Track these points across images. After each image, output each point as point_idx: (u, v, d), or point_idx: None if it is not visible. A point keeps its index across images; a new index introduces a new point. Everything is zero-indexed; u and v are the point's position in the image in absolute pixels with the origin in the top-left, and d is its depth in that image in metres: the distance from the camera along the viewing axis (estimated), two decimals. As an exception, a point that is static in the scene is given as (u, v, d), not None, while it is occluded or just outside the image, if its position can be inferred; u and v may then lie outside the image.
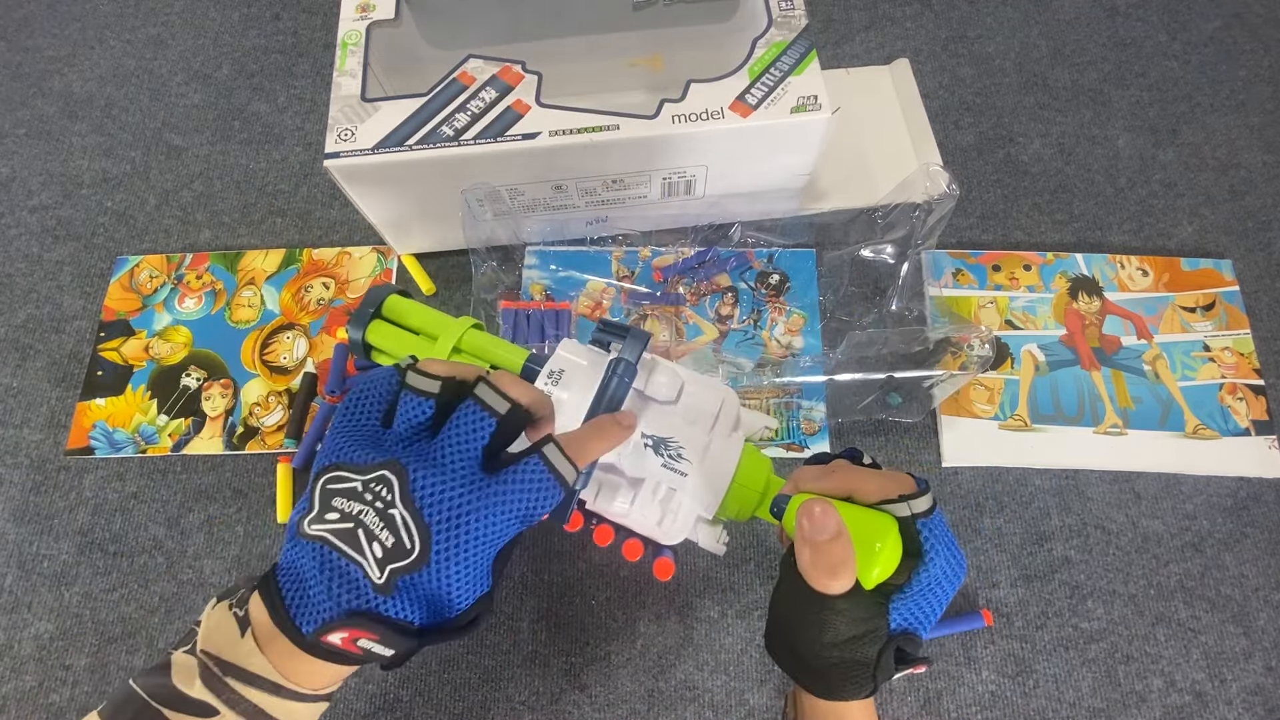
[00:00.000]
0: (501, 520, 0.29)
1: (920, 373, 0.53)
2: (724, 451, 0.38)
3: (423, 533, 0.28)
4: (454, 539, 0.28)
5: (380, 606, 0.28)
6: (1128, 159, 0.68)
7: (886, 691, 0.50)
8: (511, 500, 0.29)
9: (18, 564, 0.55)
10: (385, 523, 0.28)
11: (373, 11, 0.56)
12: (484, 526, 0.28)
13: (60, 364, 0.62)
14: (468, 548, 0.28)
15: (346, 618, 0.27)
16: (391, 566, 0.27)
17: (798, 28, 0.54)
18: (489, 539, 0.28)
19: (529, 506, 0.29)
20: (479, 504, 0.28)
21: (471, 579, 0.29)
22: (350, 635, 0.27)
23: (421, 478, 0.28)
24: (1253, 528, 0.55)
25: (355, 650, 0.28)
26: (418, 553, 0.27)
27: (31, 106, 0.74)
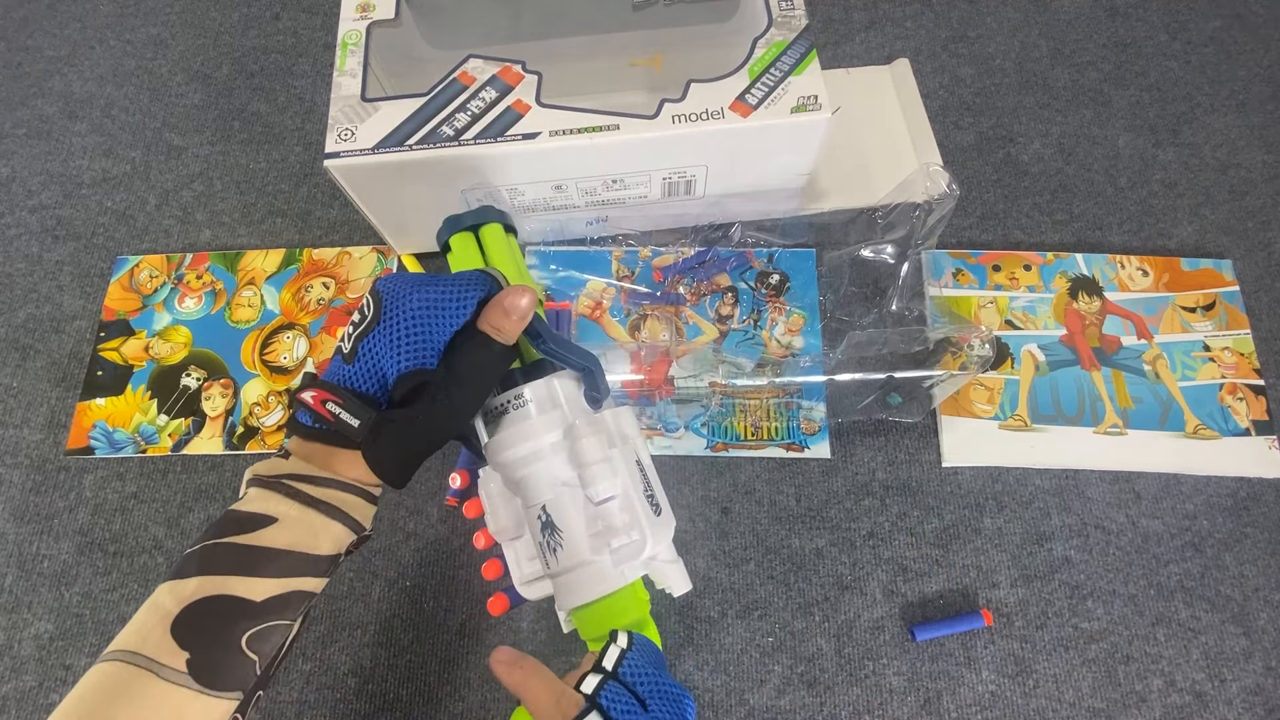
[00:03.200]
0: (439, 296, 0.34)
1: (920, 373, 0.53)
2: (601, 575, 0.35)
3: (378, 304, 0.34)
4: (397, 304, 0.34)
5: (347, 378, 0.34)
6: (1128, 159, 0.68)
7: (886, 691, 0.50)
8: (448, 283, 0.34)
9: (18, 564, 0.55)
10: (359, 311, 0.35)
11: (373, 11, 0.56)
12: (422, 297, 0.34)
13: (60, 364, 0.62)
14: (408, 309, 0.33)
15: (314, 381, 0.34)
16: (354, 334, 0.34)
17: (798, 28, 0.54)
18: (427, 309, 0.33)
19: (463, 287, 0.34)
20: (421, 283, 0.35)
21: (412, 341, 0.33)
22: (317, 395, 0.33)
23: (388, 279, 0.36)
24: (1253, 528, 0.55)
25: (327, 414, 0.33)
26: (371, 317, 0.34)
27: (31, 106, 0.74)
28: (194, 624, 0.29)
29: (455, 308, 0.34)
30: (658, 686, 0.32)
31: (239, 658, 0.30)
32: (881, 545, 0.54)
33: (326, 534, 0.33)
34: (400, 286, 0.35)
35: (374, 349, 0.34)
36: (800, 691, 0.51)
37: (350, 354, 0.34)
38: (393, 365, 0.33)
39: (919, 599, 0.53)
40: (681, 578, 0.38)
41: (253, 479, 0.34)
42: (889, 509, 0.55)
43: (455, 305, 0.34)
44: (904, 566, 0.54)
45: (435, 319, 0.34)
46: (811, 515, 0.55)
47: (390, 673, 0.51)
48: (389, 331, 0.33)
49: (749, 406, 0.58)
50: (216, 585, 0.30)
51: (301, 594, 0.33)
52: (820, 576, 0.54)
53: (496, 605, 0.40)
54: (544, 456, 0.36)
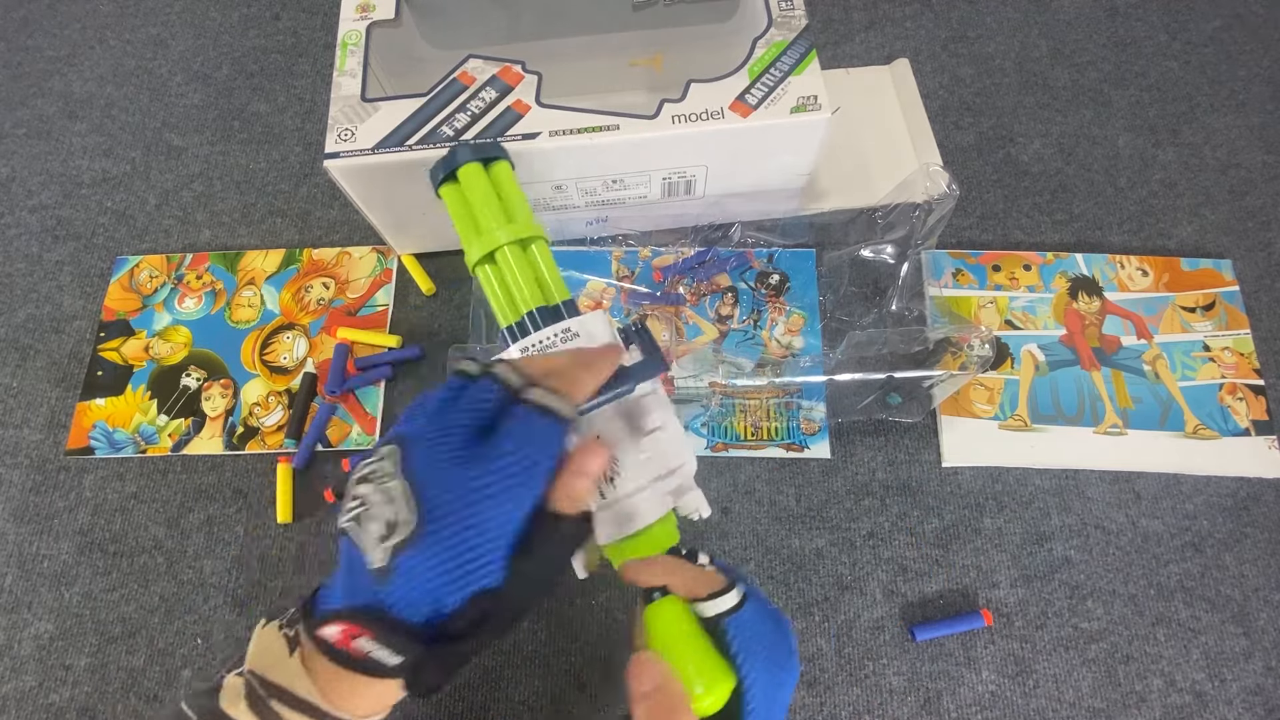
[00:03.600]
0: (499, 483, 0.26)
1: (920, 373, 0.53)
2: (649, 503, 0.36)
3: (418, 505, 0.26)
4: (446, 511, 0.25)
5: (382, 599, 0.26)
6: (1128, 159, 0.68)
7: (886, 691, 0.50)
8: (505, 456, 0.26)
9: (18, 564, 0.55)
10: (384, 498, 0.26)
11: (373, 11, 0.56)
12: (479, 494, 0.26)
13: (60, 364, 0.62)
14: (463, 521, 0.26)
15: (345, 611, 0.26)
16: (388, 544, 0.26)
17: (798, 28, 0.54)
18: (487, 509, 0.26)
19: (525, 458, 0.27)
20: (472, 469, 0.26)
21: (471, 562, 0.26)
22: (345, 630, 0.26)
23: (417, 448, 0.27)
24: (1253, 528, 0.55)
25: (356, 652, 0.26)
26: (414, 525, 0.25)
27: (31, 106, 0.74)
28: None
29: (522, 495, 0.27)
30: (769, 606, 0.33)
31: None
32: (881, 545, 0.54)
33: None
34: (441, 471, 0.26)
35: (423, 567, 0.25)
36: (800, 691, 0.51)
37: (385, 570, 0.25)
38: (450, 595, 0.26)
39: (919, 599, 0.53)
40: (703, 502, 0.39)
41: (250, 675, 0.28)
42: (889, 509, 0.55)
43: (522, 492, 0.27)
44: (904, 566, 0.54)
45: (499, 518, 0.26)
46: (811, 515, 0.55)
47: (390, 673, 0.51)
48: (441, 548, 0.25)
49: (749, 406, 0.58)
50: None
51: None
52: (820, 576, 0.54)
53: None
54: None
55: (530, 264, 0.40)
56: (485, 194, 0.42)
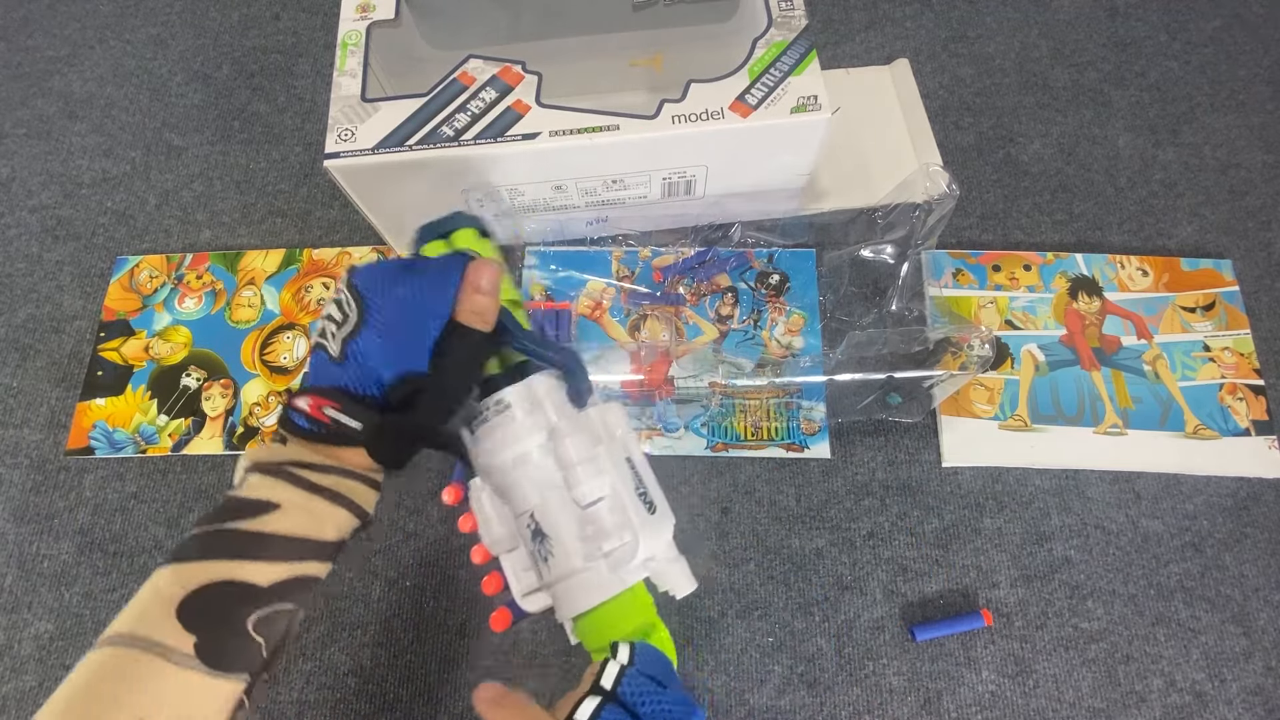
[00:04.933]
0: (422, 288, 0.33)
1: (920, 373, 0.53)
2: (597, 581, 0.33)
3: (359, 301, 0.33)
4: (381, 301, 0.33)
5: (340, 379, 0.33)
6: (1128, 159, 0.68)
7: (886, 691, 0.50)
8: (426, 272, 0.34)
9: (18, 564, 0.55)
10: (337, 305, 0.34)
11: (373, 11, 0.56)
12: (405, 292, 0.33)
13: (60, 364, 0.62)
14: (393, 308, 0.33)
15: (310, 388, 0.33)
16: (340, 335, 0.33)
17: (798, 28, 0.54)
18: (414, 303, 0.33)
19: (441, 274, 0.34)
20: (397, 274, 0.34)
21: (401, 347, 0.32)
22: (314, 402, 0.32)
23: (362, 268, 0.34)
24: (1253, 528, 0.55)
25: (326, 420, 0.32)
26: (355, 317, 0.33)
27: (31, 106, 0.74)
28: (200, 608, 0.29)
29: (438, 299, 0.33)
30: (660, 706, 0.31)
31: (246, 641, 0.30)
32: (881, 545, 0.54)
33: (331, 520, 0.33)
34: (379, 280, 0.34)
35: (362, 351, 0.33)
36: (800, 691, 0.51)
37: (339, 355, 0.33)
38: (386, 369, 0.32)
39: (919, 599, 0.53)
40: (685, 577, 0.37)
41: (252, 465, 0.33)
42: (889, 509, 0.55)
43: (438, 297, 0.33)
44: (904, 566, 0.54)
45: (420, 316, 0.33)
46: (811, 515, 0.55)
47: (390, 673, 0.51)
48: (377, 334, 0.32)
49: (749, 406, 0.58)
50: (222, 570, 0.30)
51: (307, 579, 0.32)
52: (820, 576, 0.54)
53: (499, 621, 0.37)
54: (529, 461, 0.35)
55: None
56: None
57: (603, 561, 0.33)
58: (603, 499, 0.34)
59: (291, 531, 0.31)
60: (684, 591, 0.37)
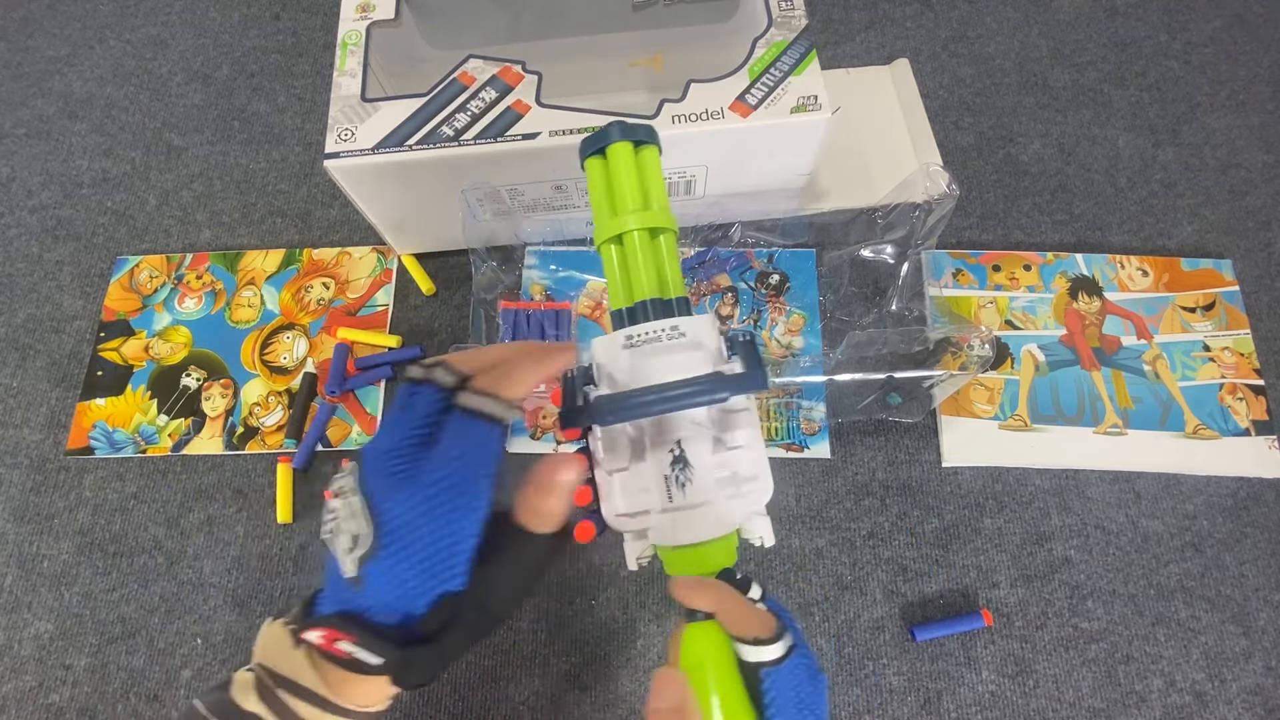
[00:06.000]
0: (444, 490, 0.27)
1: (920, 373, 0.53)
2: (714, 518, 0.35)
3: (375, 518, 0.27)
4: (400, 522, 0.27)
5: (357, 604, 0.28)
6: (1128, 159, 0.68)
7: (886, 691, 0.50)
8: (447, 464, 0.27)
9: (18, 564, 0.55)
10: (349, 512, 0.28)
11: (373, 11, 0.56)
12: (426, 500, 0.27)
13: (60, 364, 0.62)
14: (412, 525, 0.27)
15: (327, 618, 0.28)
16: (354, 556, 0.27)
17: (798, 28, 0.54)
18: (437, 515, 0.27)
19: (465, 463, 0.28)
20: (415, 478, 0.27)
21: (431, 568, 0.27)
22: (328, 635, 0.28)
23: (369, 463, 0.28)
24: (1253, 528, 0.55)
25: (341, 654, 0.28)
26: (368, 534, 0.27)
27: (31, 106, 0.74)
28: None
29: (471, 503, 0.28)
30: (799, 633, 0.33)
31: None
32: (881, 545, 0.54)
33: None
34: (389, 484, 0.27)
35: (382, 578, 0.27)
36: (800, 691, 0.51)
37: (356, 579, 0.27)
38: (416, 597, 0.27)
39: (919, 599, 0.53)
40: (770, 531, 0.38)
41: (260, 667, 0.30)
42: (889, 509, 0.55)
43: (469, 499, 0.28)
44: (904, 566, 0.54)
45: (449, 527, 0.27)
46: (811, 515, 0.55)
47: (390, 673, 0.51)
48: (395, 558, 0.27)
49: (749, 406, 0.58)
50: None
51: None
52: (820, 576, 0.54)
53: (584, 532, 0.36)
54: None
55: (655, 254, 0.39)
56: (629, 175, 0.40)
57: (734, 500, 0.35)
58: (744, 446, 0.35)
59: None
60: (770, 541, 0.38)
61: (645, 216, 0.38)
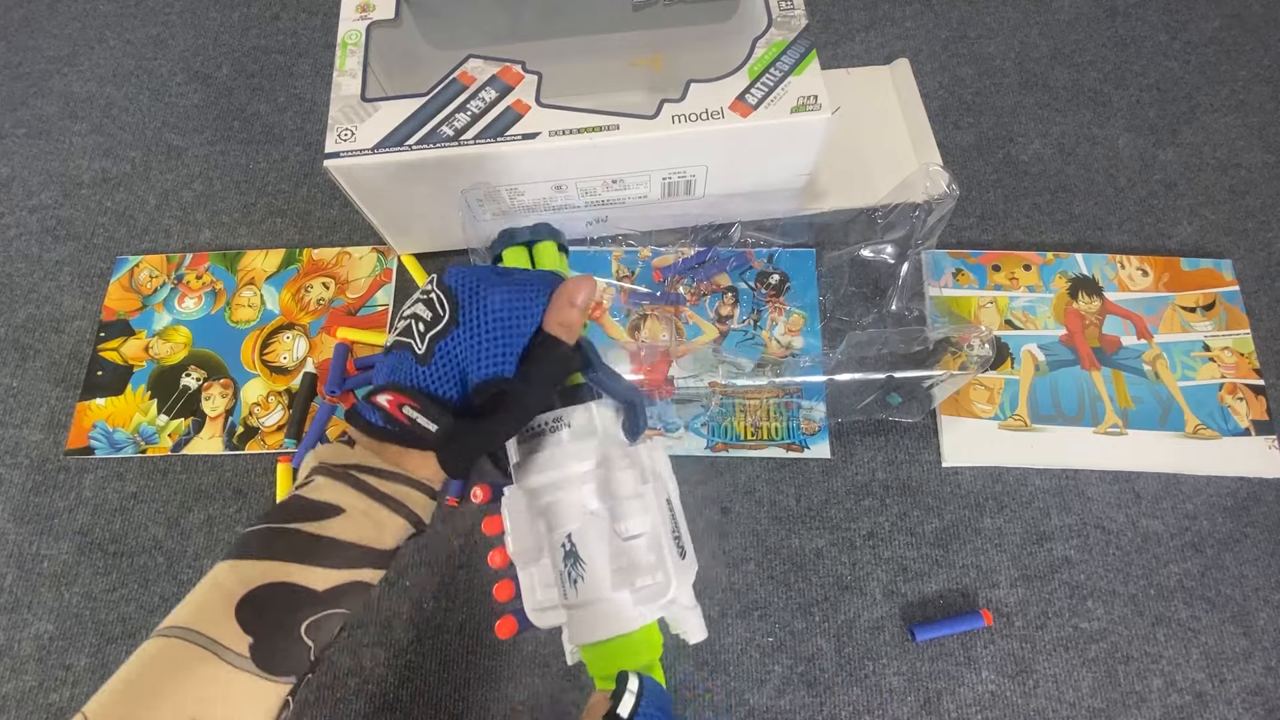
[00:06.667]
0: (516, 294, 0.34)
1: (920, 373, 0.53)
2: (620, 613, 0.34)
3: (452, 303, 0.33)
4: (475, 303, 0.33)
5: (422, 379, 0.33)
6: (1128, 159, 0.68)
7: (886, 691, 0.50)
8: (520, 279, 0.34)
9: (18, 564, 0.55)
10: (426, 305, 0.34)
11: (373, 11, 0.56)
12: (502, 298, 0.33)
13: (60, 364, 0.62)
14: (489, 311, 0.33)
15: (390, 384, 0.33)
16: (429, 334, 0.33)
17: (798, 28, 0.54)
18: (502, 309, 0.33)
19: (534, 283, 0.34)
20: (494, 280, 0.34)
21: (490, 351, 0.33)
22: (394, 399, 0.32)
23: (461, 270, 0.35)
24: (1253, 528, 0.55)
25: (404, 419, 0.32)
26: (447, 317, 0.33)
27: (31, 106, 0.74)
28: (258, 609, 0.30)
29: (532, 307, 0.34)
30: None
31: (297, 644, 0.31)
32: (881, 545, 0.54)
33: (390, 528, 0.33)
34: (475, 283, 0.34)
35: (453, 351, 0.33)
36: (800, 691, 0.51)
37: (425, 355, 0.33)
38: (475, 370, 0.33)
39: (919, 599, 0.53)
40: (699, 625, 0.37)
41: (318, 466, 0.33)
42: (889, 509, 0.55)
43: (532, 305, 0.34)
44: (904, 566, 0.54)
45: (515, 321, 0.33)
46: (811, 515, 0.55)
47: (390, 673, 0.51)
48: (471, 334, 0.33)
49: (749, 406, 0.58)
50: (281, 572, 0.30)
51: (361, 585, 0.33)
52: (820, 576, 0.54)
53: (505, 628, 0.38)
54: (575, 484, 0.35)
55: None
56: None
57: (630, 595, 0.34)
58: (643, 535, 0.35)
59: (353, 538, 0.32)
60: (696, 638, 0.37)
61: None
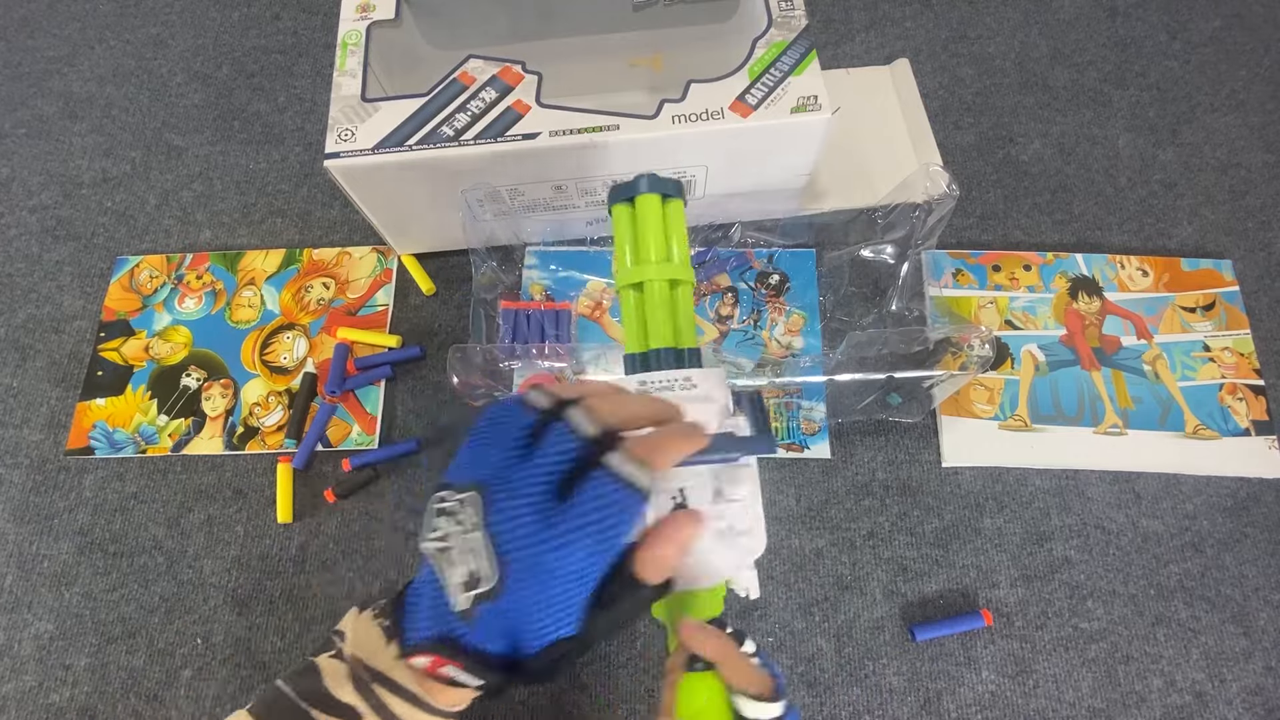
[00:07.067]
0: (577, 549, 0.27)
1: (920, 373, 0.53)
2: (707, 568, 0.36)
3: (500, 562, 0.27)
4: (526, 572, 0.27)
5: (463, 634, 0.28)
6: (1128, 159, 0.68)
7: (886, 691, 0.50)
8: (584, 524, 0.27)
9: (18, 564, 0.55)
10: (469, 547, 0.27)
11: (373, 11, 0.56)
12: (558, 558, 0.27)
13: (60, 364, 0.62)
14: (542, 582, 0.27)
15: (433, 643, 0.28)
16: (472, 594, 0.27)
17: (798, 28, 0.54)
18: (566, 572, 0.27)
19: (604, 527, 0.27)
20: (550, 533, 0.27)
21: (550, 616, 0.27)
22: (434, 662, 0.28)
23: (498, 503, 0.27)
24: (1253, 528, 0.55)
25: (444, 677, 0.28)
26: (495, 582, 0.27)
27: (31, 106, 0.74)
28: None
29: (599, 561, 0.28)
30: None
31: None
32: (881, 545, 0.54)
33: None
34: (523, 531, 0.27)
35: (500, 620, 0.27)
36: (800, 691, 0.51)
37: (469, 614, 0.27)
38: (529, 637, 0.28)
39: (919, 599, 0.53)
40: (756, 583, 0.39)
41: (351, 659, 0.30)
42: (889, 509, 0.55)
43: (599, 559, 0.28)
44: (904, 566, 0.54)
45: (576, 585, 0.27)
46: (811, 515, 0.55)
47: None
48: (520, 605, 0.27)
49: (749, 406, 0.58)
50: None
51: None
52: (820, 576, 0.54)
53: None
54: None
55: (673, 304, 0.40)
56: (655, 227, 0.41)
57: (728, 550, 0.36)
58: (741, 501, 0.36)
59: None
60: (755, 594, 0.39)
61: (667, 268, 0.40)
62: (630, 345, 0.40)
